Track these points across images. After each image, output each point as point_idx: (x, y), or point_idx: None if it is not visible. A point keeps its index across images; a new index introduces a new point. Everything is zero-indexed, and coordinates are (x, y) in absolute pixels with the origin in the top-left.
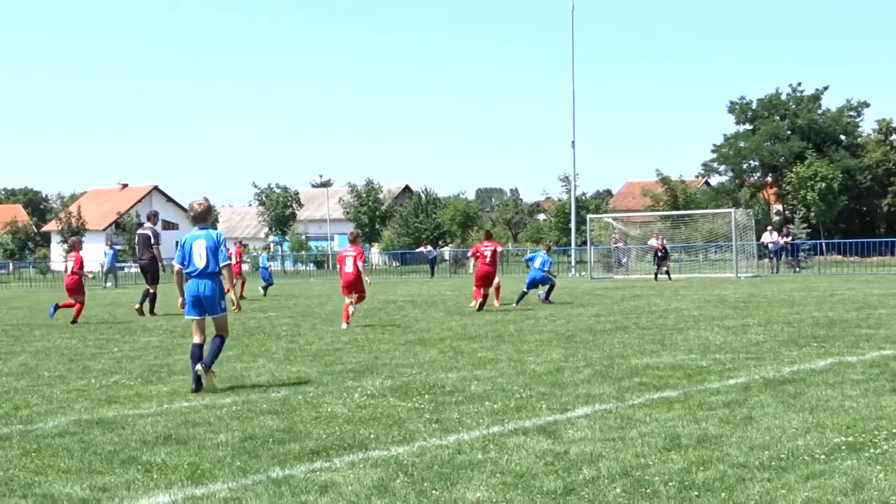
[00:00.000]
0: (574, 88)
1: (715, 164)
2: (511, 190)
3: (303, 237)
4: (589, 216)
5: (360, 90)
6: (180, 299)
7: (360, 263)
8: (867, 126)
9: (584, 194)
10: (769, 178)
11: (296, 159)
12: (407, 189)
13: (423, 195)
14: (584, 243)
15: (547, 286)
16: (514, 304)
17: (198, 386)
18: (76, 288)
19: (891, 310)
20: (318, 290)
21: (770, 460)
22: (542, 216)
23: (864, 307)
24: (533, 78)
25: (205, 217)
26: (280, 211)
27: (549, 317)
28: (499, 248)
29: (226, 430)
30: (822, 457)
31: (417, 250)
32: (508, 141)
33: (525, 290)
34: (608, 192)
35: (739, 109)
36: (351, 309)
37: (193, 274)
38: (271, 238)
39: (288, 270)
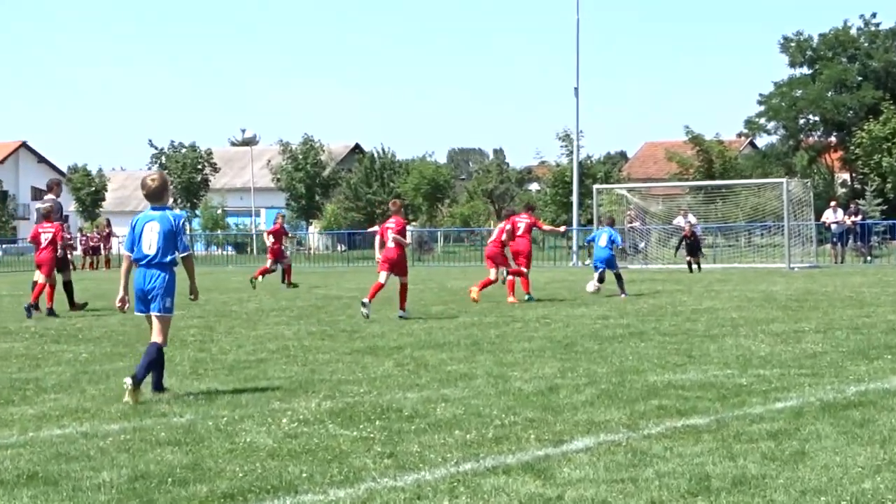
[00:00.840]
0: (579, 18)
1: (762, 120)
2: (495, 151)
3: (218, 211)
4: (596, 187)
5: (292, 19)
6: (120, 293)
7: (394, 237)
8: None
9: (589, 158)
10: (833, 139)
11: (209, 110)
12: (357, 149)
13: (377, 157)
14: (590, 222)
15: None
16: (594, 287)
17: (159, 387)
18: (51, 265)
19: None
20: (238, 282)
21: None
22: (534, 186)
23: None
24: (523, 5)
25: (160, 195)
26: (187, 177)
27: (542, 319)
28: (543, 227)
29: (111, 467)
30: None
31: (370, 230)
32: (491, 87)
33: (598, 267)
34: (622, 156)
35: (795, 48)
36: (405, 314)
37: (141, 262)
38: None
39: (198, 255)
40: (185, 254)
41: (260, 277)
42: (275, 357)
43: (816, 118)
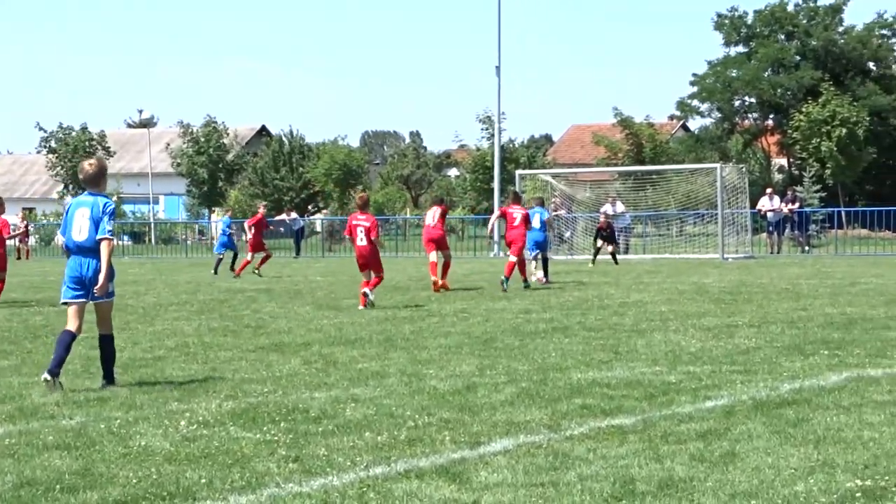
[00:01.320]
0: None
1: (695, 102)
2: (411, 135)
3: (113, 198)
4: (519, 172)
5: None
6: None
7: (376, 239)
8: None
9: (512, 141)
10: (770, 122)
11: (103, 91)
12: (263, 132)
13: (286, 140)
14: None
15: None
16: (541, 279)
17: (53, 373)
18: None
19: None
20: (135, 274)
21: None
22: (453, 172)
23: None
24: None
25: (97, 180)
26: (79, 161)
27: (460, 313)
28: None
29: None
30: None
31: (278, 218)
32: (408, 67)
33: (531, 256)
34: (547, 139)
35: (730, 25)
36: (370, 296)
37: (72, 248)
38: (66, 198)
39: None
40: (102, 236)
41: (257, 270)
42: (173, 355)
43: (752, 100)
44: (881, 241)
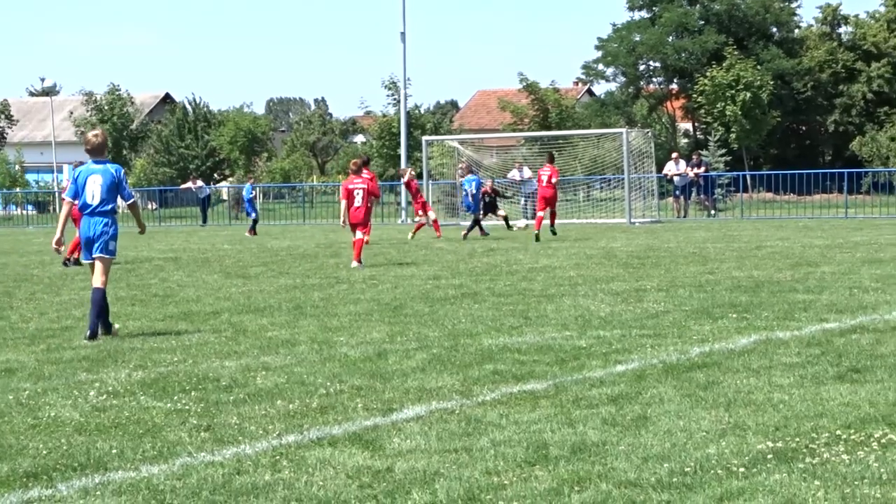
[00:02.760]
0: None
1: (600, 66)
2: (316, 101)
3: (16, 167)
4: (425, 138)
5: None
6: (57, 235)
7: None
8: (807, 15)
9: (418, 108)
10: (674, 86)
11: (4, 58)
12: (167, 99)
13: (190, 108)
14: (419, 176)
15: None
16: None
17: (94, 333)
18: None
19: (836, 267)
20: (40, 244)
21: (671, 475)
22: (359, 138)
23: (802, 264)
24: None
25: (101, 150)
26: None
27: (369, 280)
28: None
29: None
30: (742, 469)
31: (183, 187)
32: (312, 33)
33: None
34: (453, 105)
35: None
36: (365, 238)
37: (85, 212)
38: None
39: None
40: (130, 201)
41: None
42: (81, 325)
43: (657, 64)
44: (785, 204)
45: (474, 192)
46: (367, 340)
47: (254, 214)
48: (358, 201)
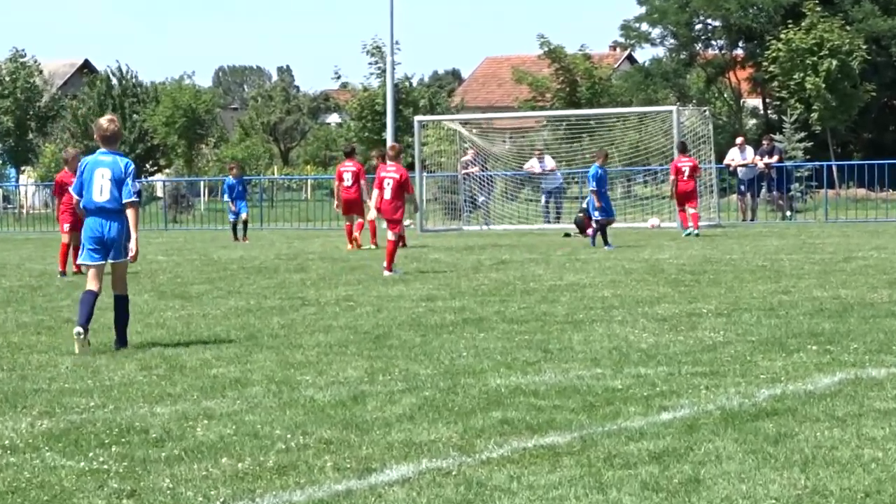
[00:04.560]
0: None
1: (643, 27)
2: (279, 71)
3: None
4: (418, 118)
5: None
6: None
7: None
8: None
9: (409, 79)
10: (740, 52)
11: None
12: (86, 68)
13: (115, 79)
14: (411, 167)
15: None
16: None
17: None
18: None
19: None
20: None
21: None
22: (334, 118)
23: None
24: None
25: (116, 138)
26: None
27: (343, 301)
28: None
29: None
30: None
31: None
32: None
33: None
34: (455, 76)
35: None
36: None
37: (91, 209)
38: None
39: None
40: (128, 200)
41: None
42: None
43: (717, 23)
44: (882, 203)
45: (596, 188)
46: (339, 380)
47: (243, 214)
48: (388, 193)
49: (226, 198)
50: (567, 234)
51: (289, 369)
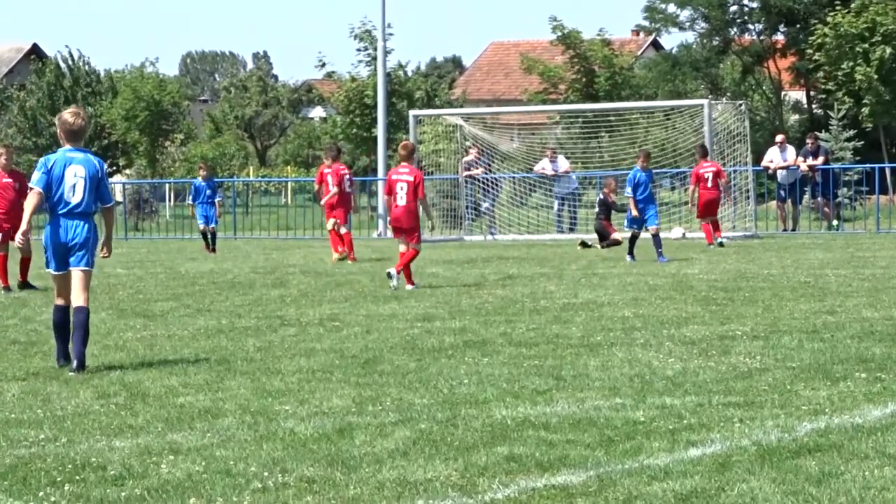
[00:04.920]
0: None
1: (671, 8)
2: (255, 58)
3: None
4: (413, 113)
5: None
6: (24, 227)
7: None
8: None
9: (403, 68)
10: (780, 38)
11: None
12: (35, 54)
13: (67, 67)
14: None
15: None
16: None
17: (67, 359)
18: None
19: None
20: None
21: None
22: (318, 112)
23: None
24: None
25: (82, 134)
26: None
27: (328, 322)
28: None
29: None
30: None
31: None
32: None
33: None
34: (456, 64)
35: None
36: (394, 281)
37: (62, 211)
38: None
39: None
40: (109, 204)
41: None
42: None
43: (755, 5)
44: None
45: (633, 195)
46: (323, 410)
47: (213, 224)
48: (401, 198)
49: (189, 200)
50: (584, 244)
51: (266, 398)
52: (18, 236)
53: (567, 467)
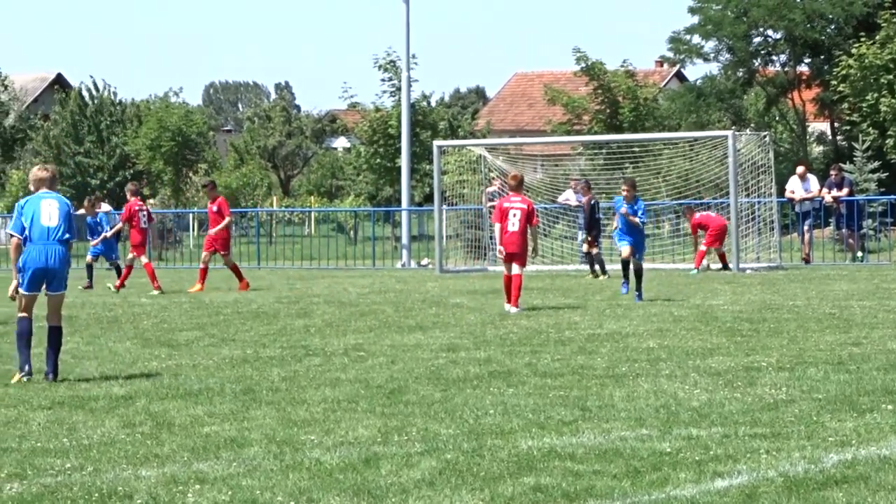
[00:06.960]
0: None
1: (695, 39)
2: (278, 88)
3: None
4: (437, 143)
5: None
6: (14, 283)
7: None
8: None
9: (427, 98)
10: (805, 69)
11: None
12: (59, 84)
13: (92, 96)
14: (428, 198)
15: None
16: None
17: (30, 367)
18: None
19: None
20: None
21: None
22: (341, 142)
23: None
24: None
25: (55, 181)
26: None
27: (353, 351)
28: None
29: None
30: None
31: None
32: None
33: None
34: (479, 95)
35: None
36: (513, 310)
37: (39, 239)
38: None
39: None
40: (69, 237)
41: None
42: None
43: (779, 36)
44: None
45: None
46: (349, 440)
47: (113, 255)
48: (514, 224)
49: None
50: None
51: (291, 428)
52: (10, 291)
53: (593, 498)
